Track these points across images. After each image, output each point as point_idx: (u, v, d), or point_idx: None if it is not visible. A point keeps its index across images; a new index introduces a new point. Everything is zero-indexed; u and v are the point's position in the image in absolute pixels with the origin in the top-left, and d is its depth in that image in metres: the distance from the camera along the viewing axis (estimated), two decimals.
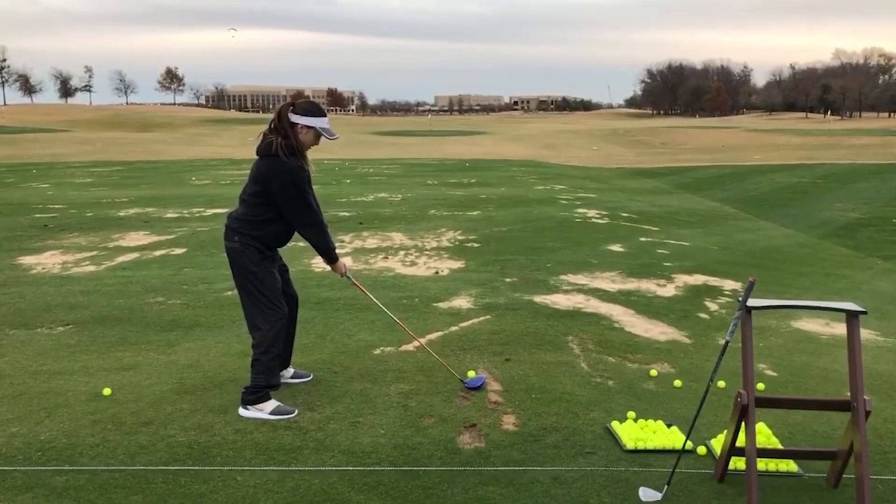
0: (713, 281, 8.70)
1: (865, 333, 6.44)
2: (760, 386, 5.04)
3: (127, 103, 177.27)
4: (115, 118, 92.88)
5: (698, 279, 8.77)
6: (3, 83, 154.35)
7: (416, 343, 5.63)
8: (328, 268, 4.90)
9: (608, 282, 8.46)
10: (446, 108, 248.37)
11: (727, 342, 3.58)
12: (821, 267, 10.60)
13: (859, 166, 32.41)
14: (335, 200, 16.71)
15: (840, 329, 6.59)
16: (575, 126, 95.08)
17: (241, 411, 4.47)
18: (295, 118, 4.49)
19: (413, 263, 9.50)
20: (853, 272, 10.32)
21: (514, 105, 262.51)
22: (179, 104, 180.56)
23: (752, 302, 3.52)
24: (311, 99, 4.88)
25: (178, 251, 10.36)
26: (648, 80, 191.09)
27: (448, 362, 5.27)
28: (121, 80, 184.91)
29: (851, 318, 3.52)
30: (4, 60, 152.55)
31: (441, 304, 7.22)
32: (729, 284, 8.52)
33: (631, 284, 8.35)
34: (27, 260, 9.69)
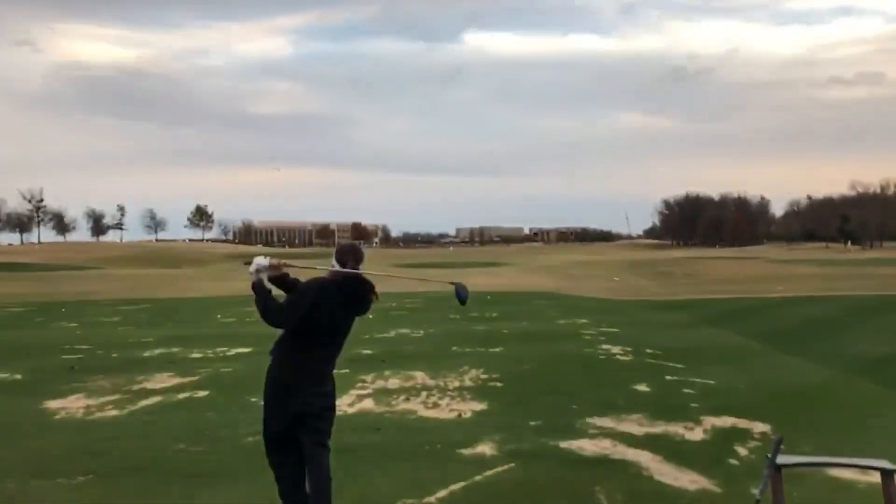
0: (742, 423, 8.51)
1: None
2: None
3: (156, 240, 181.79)
4: (145, 255, 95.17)
5: (727, 421, 8.59)
6: (39, 222, 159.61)
7: (438, 495, 5.51)
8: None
9: (635, 425, 8.31)
10: (467, 240, 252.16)
11: (758, 501, 3.51)
12: (852, 406, 10.35)
13: (886, 297, 32.10)
14: (359, 337, 16.75)
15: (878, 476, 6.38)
16: (595, 257, 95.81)
17: None
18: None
19: (435, 405, 9.42)
20: (887, 410, 10.05)
21: (534, 236, 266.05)
22: (208, 240, 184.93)
23: (781, 459, 3.47)
24: (356, 244, 5.15)
25: (202, 394, 10.37)
26: (666, 212, 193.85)
27: None
28: (151, 218, 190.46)
29: (886, 476, 3.44)
30: (41, 201, 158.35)
31: (464, 451, 7.11)
32: (758, 427, 8.33)
33: (658, 428, 8.20)
34: (52, 404, 9.73)
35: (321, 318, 4.67)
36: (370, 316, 5.40)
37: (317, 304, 4.66)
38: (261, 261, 4.76)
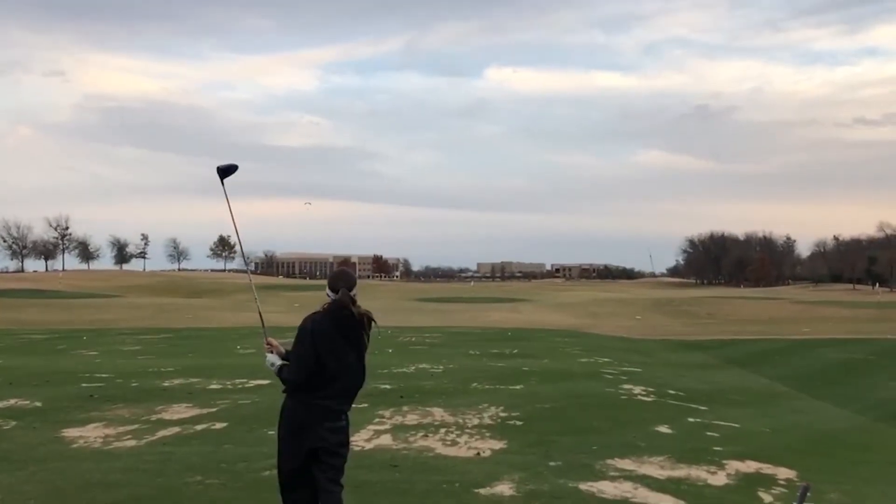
0: (766, 468, 8.32)
1: None
2: None
3: (179, 269, 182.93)
4: (167, 284, 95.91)
5: (750, 466, 8.40)
6: (64, 250, 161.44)
7: None
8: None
9: (657, 468, 8.15)
10: (489, 275, 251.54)
11: None
12: (880, 454, 10.11)
13: None
14: (377, 371, 16.67)
15: None
16: (618, 294, 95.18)
17: None
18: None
19: (454, 443, 9.30)
20: None
21: (555, 272, 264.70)
22: (230, 270, 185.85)
23: None
24: (346, 269, 5.20)
25: (220, 425, 10.33)
26: (690, 251, 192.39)
27: None
28: (174, 248, 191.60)
29: None
30: (67, 229, 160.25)
31: (482, 491, 7.00)
32: (783, 473, 8.14)
33: (680, 471, 8.03)
34: (70, 433, 9.73)
35: (322, 350, 4.69)
36: (389, 350, 5.35)
37: (314, 341, 4.70)
38: (267, 356, 4.96)
